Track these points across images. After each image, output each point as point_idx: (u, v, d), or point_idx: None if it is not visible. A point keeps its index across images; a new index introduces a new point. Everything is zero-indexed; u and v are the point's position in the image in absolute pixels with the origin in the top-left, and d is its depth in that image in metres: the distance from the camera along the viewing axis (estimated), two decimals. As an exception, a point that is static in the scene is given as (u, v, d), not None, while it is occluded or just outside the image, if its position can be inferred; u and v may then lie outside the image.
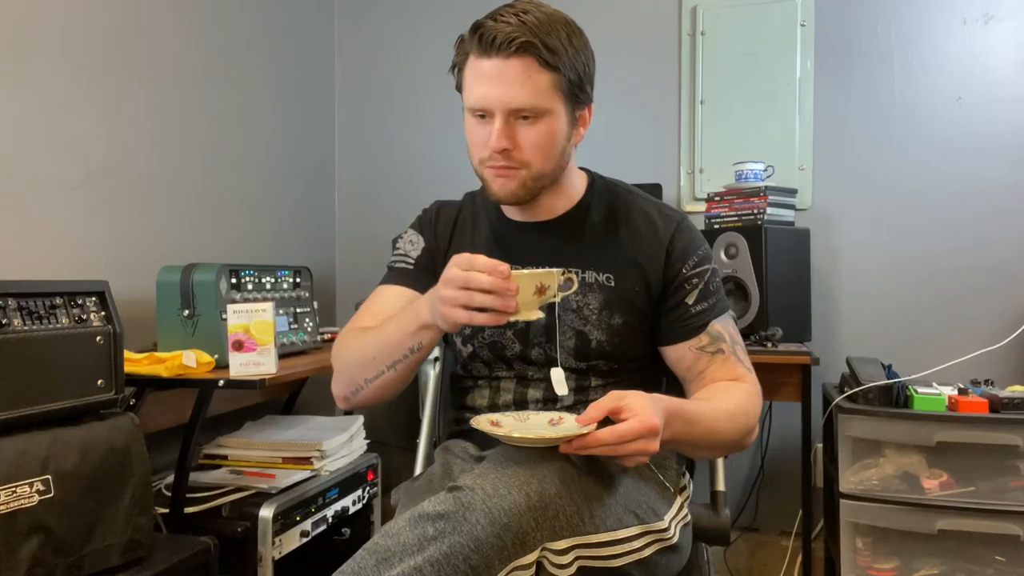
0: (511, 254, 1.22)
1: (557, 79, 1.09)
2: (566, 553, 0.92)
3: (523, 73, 1.07)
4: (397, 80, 2.85)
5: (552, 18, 1.09)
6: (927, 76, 2.33)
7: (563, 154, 1.15)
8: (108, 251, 1.87)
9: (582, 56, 1.11)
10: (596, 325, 1.18)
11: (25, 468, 1.18)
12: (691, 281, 1.19)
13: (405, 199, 2.84)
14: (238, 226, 2.37)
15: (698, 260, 1.20)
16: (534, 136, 1.10)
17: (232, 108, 2.34)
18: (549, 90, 1.08)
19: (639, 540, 1.02)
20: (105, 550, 1.28)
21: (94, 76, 1.85)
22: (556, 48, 1.07)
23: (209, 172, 2.24)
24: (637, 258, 1.20)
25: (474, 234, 1.28)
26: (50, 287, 1.32)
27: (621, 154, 2.53)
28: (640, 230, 1.21)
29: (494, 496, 0.88)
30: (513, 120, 1.09)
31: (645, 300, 1.19)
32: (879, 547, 1.90)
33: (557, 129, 1.12)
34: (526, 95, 1.07)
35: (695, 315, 1.18)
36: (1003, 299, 1.80)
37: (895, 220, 2.36)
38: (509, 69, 1.07)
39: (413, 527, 0.88)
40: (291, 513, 1.75)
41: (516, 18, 1.07)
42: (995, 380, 1.97)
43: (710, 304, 1.19)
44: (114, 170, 1.90)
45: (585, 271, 1.20)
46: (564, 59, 1.08)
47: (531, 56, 1.06)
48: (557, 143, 1.13)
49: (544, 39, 1.06)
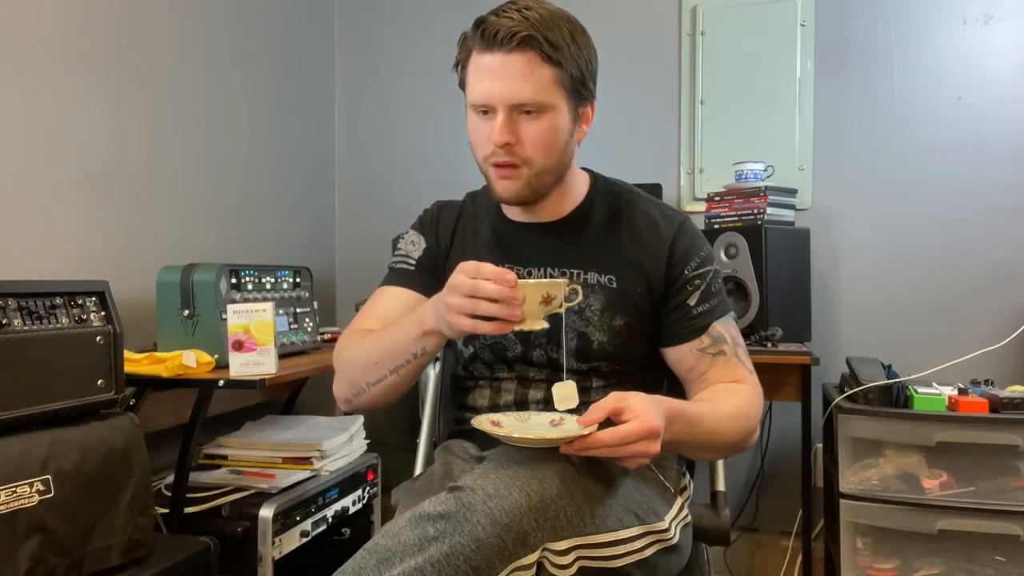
0: (512, 255, 1.23)
1: (559, 74, 1.08)
2: (567, 554, 0.92)
3: (525, 68, 1.07)
4: (397, 80, 2.85)
5: (555, 14, 1.10)
6: (927, 76, 2.33)
7: (566, 150, 1.15)
8: (108, 251, 1.87)
9: (585, 52, 1.12)
10: (598, 326, 1.18)
11: (25, 468, 1.18)
12: (693, 282, 1.18)
13: (405, 199, 2.84)
14: (238, 226, 2.37)
15: (700, 261, 1.20)
16: (536, 131, 1.10)
17: (232, 108, 2.34)
18: (551, 85, 1.08)
19: (640, 540, 1.02)
20: (105, 550, 1.28)
21: (94, 76, 1.85)
22: (558, 43, 1.07)
23: (209, 172, 2.24)
24: (639, 259, 1.20)
25: (475, 235, 1.28)
26: (50, 287, 1.32)
27: (621, 154, 2.53)
28: (642, 231, 1.21)
29: (495, 496, 0.88)
30: (516, 115, 1.09)
31: (646, 301, 1.19)
32: (879, 547, 1.90)
33: (560, 124, 1.11)
34: (528, 89, 1.07)
35: (696, 316, 1.18)
36: (1003, 299, 1.80)
37: (895, 220, 2.36)
38: (511, 64, 1.07)
39: (414, 527, 0.88)
40: (291, 513, 1.75)
41: (519, 14, 1.07)
42: (995, 380, 1.97)
43: (712, 305, 1.19)
44: (114, 170, 1.90)
45: (587, 272, 1.20)
46: (566, 54, 1.08)
47: (533, 50, 1.06)
48: (560, 139, 1.12)
49: (546, 34, 1.06)
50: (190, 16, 2.16)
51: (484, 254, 1.24)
